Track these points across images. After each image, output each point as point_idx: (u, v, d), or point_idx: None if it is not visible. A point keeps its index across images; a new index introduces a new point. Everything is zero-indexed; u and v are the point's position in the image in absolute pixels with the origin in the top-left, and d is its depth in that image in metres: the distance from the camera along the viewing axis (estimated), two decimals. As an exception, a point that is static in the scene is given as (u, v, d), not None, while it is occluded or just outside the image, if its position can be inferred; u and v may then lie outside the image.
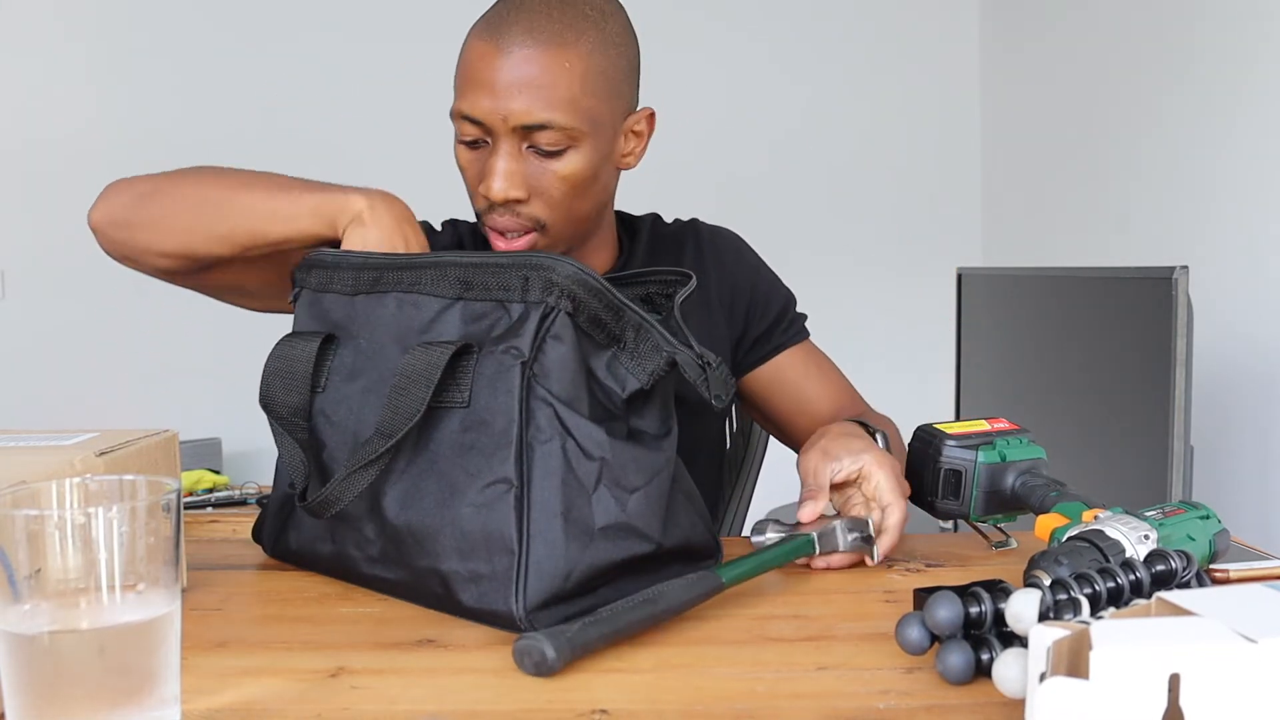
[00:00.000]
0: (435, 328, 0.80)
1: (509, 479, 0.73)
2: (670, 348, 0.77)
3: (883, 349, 3.01)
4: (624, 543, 0.75)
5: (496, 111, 0.96)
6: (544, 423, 0.74)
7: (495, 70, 0.95)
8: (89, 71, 2.95)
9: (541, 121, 0.96)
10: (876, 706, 0.61)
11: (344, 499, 0.77)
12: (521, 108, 0.95)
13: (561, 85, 0.96)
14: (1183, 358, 1.30)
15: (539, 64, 0.95)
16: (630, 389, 0.77)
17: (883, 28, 3.08)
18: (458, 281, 0.80)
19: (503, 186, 0.97)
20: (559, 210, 1.01)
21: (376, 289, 0.85)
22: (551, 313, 0.75)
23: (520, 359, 0.75)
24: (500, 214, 1.00)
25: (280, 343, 0.88)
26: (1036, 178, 2.78)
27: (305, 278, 0.91)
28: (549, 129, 0.96)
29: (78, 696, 0.53)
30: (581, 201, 1.02)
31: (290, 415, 0.85)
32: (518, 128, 0.96)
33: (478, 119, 0.97)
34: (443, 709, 0.61)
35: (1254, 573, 0.83)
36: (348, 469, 0.76)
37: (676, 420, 0.83)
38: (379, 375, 0.82)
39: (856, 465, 0.91)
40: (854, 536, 0.87)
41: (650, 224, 1.22)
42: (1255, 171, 1.86)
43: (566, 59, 0.96)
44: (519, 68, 0.95)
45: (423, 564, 0.77)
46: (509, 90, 0.95)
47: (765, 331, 1.20)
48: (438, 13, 3.03)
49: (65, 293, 2.96)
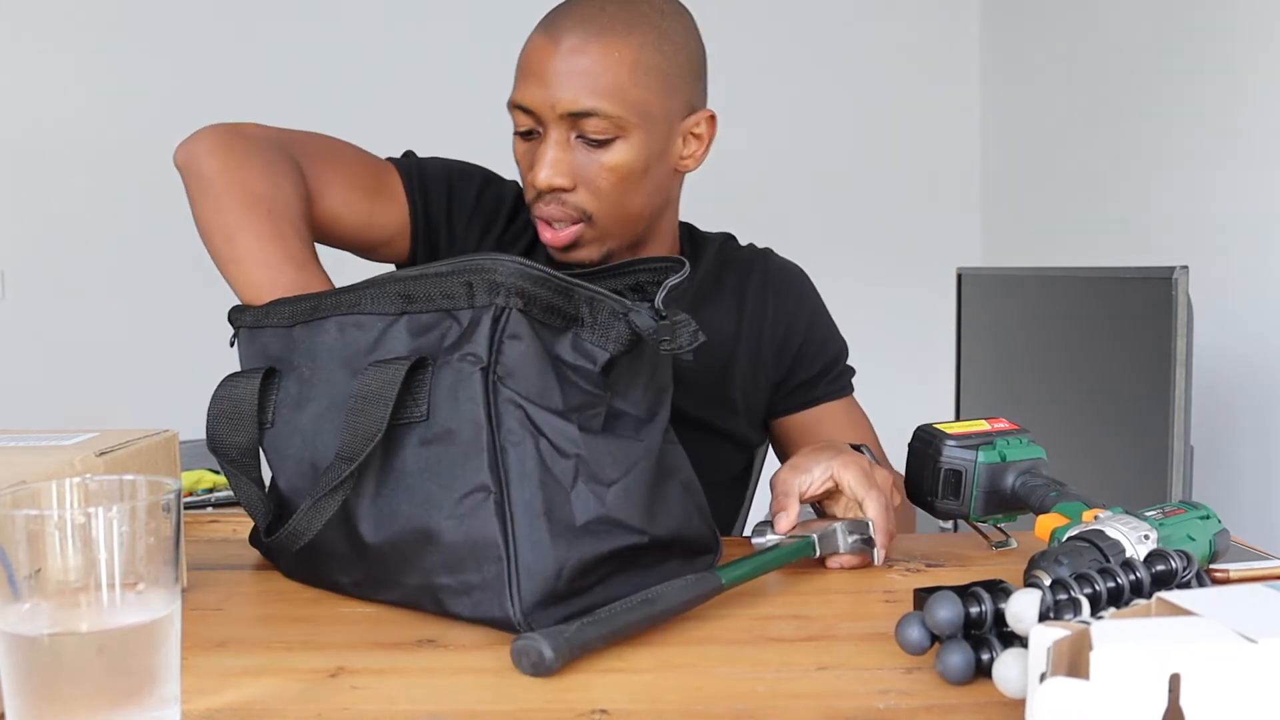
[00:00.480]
0: (382, 346, 0.79)
1: (486, 486, 0.72)
2: (624, 308, 0.75)
3: (883, 349, 3.00)
4: (608, 536, 0.74)
5: (546, 99, 0.99)
6: (514, 425, 0.73)
7: (547, 60, 0.99)
8: (89, 71, 2.95)
9: (588, 109, 0.98)
10: (876, 706, 0.61)
11: (312, 529, 0.76)
12: (569, 95, 0.98)
13: (610, 74, 0.98)
14: (1183, 358, 1.30)
15: (588, 54, 0.98)
16: (601, 360, 0.75)
17: (883, 27, 3.08)
18: (398, 296, 0.79)
19: (548, 174, 0.99)
20: (606, 202, 1.02)
21: (315, 316, 0.83)
22: (503, 313, 0.74)
23: (479, 365, 0.73)
24: (547, 202, 1.02)
25: (221, 384, 0.86)
26: (1036, 178, 2.78)
27: (240, 317, 0.90)
28: (595, 116, 0.98)
29: (78, 696, 0.53)
30: (631, 196, 1.03)
31: (240, 456, 0.84)
32: (565, 115, 0.98)
33: (529, 108, 1.00)
34: (443, 709, 0.61)
35: (1254, 573, 0.83)
36: (313, 498, 0.75)
37: (668, 411, 0.82)
38: (330, 401, 0.80)
39: (826, 473, 0.91)
40: (854, 539, 0.87)
41: (721, 243, 1.22)
42: (1256, 171, 1.86)
43: (616, 49, 0.99)
44: (569, 58, 0.98)
45: (412, 581, 0.76)
46: (558, 78, 0.98)
47: (810, 379, 1.20)
48: (438, 10, 3.04)
49: (65, 293, 2.96)
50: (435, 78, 2.95)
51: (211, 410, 0.85)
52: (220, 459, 0.84)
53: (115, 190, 2.96)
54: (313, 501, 0.75)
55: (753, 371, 1.18)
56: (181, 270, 3.04)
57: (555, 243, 1.04)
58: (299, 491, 0.82)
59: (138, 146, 2.96)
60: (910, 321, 3.04)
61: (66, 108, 2.95)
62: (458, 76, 2.93)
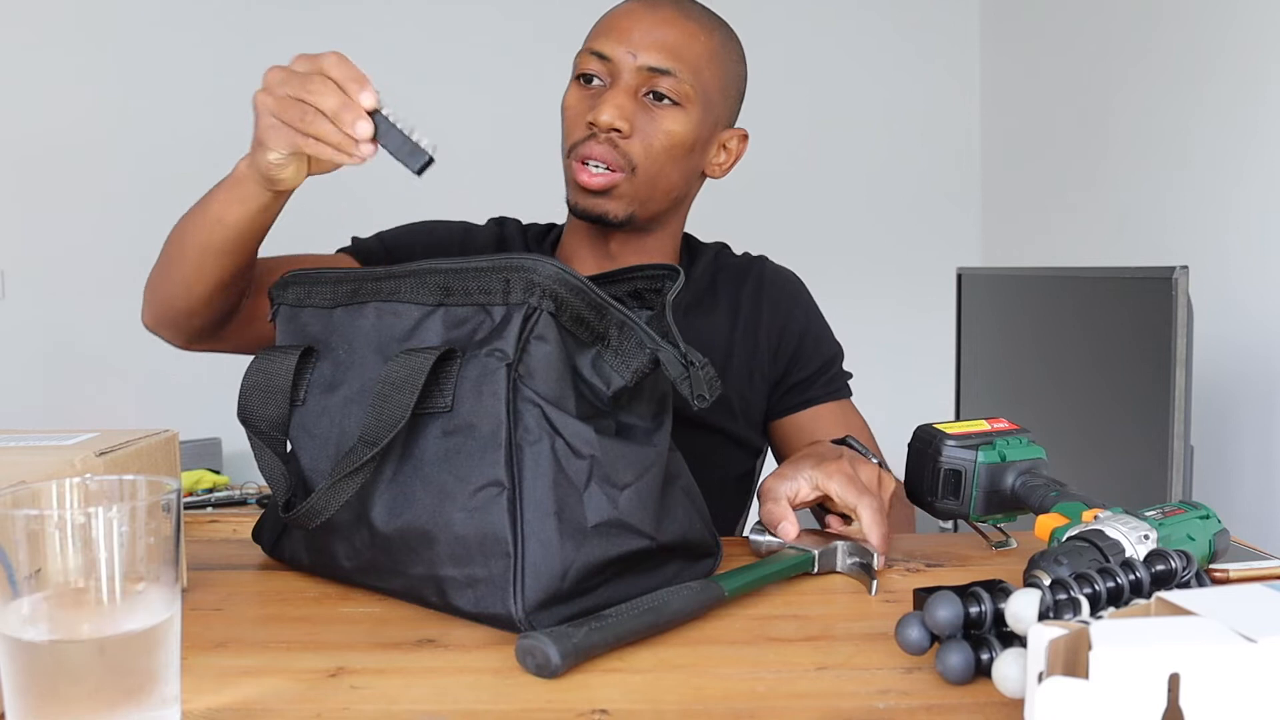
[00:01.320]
0: (417, 335, 0.80)
1: (500, 481, 0.73)
2: (653, 344, 0.76)
3: (883, 349, 3.01)
4: (618, 539, 0.74)
5: (630, 50, 1.06)
6: (532, 423, 0.74)
7: (637, 19, 1.08)
8: (89, 71, 2.95)
9: (668, 67, 1.06)
10: (876, 706, 0.61)
11: (329, 509, 0.76)
12: (654, 51, 1.06)
13: (692, 49, 1.08)
14: (1183, 358, 1.30)
15: (678, 26, 1.07)
16: (615, 386, 0.77)
17: (883, 27, 3.08)
18: (438, 288, 0.80)
19: (612, 114, 1.05)
20: (653, 163, 1.07)
21: (355, 300, 0.84)
22: (534, 313, 0.75)
23: (505, 361, 0.74)
24: (600, 141, 1.06)
25: (258, 357, 0.87)
26: (1036, 178, 2.78)
27: (282, 294, 0.90)
28: (672, 76, 1.06)
29: (78, 697, 0.53)
30: (672, 167, 1.10)
31: (269, 429, 0.85)
32: (644, 68, 1.06)
33: (607, 55, 1.07)
34: (443, 709, 0.61)
35: (1254, 573, 0.83)
36: (332, 478, 0.75)
37: (671, 415, 0.83)
38: (360, 386, 0.81)
39: (811, 483, 0.91)
40: (853, 561, 0.87)
41: (716, 252, 1.26)
42: (1256, 171, 1.86)
43: (702, 34, 1.09)
44: (659, 25, 1.07)
45: (416, 571, 0.77)
46: (646, 36, 1.06)
47: (805, 380, 1.21)
48: (442, 8, 3.04)
49: (65, 293, 2.96)
50: (437, 78, 2.95)
51: (246, 381, 0.86)
52: (249, 430, 0.85)
53: (115, 190, 2.96)
54: (332, 482, 0.75)
55: (749, 375, 1.20)
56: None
57: (591, 184, 1.07)
58: (320, 473, 0.82)
59: (138, 147, 2.96)
60: (910, 321, 3.04)
61: (67, 108, 2.95)
62: (463, 81, 2.93)
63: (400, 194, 3.26)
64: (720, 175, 1.17)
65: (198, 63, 2.96)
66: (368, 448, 0.74)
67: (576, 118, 1.08)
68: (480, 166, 2.80)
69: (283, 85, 0.84)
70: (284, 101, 0.83)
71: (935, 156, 3.10)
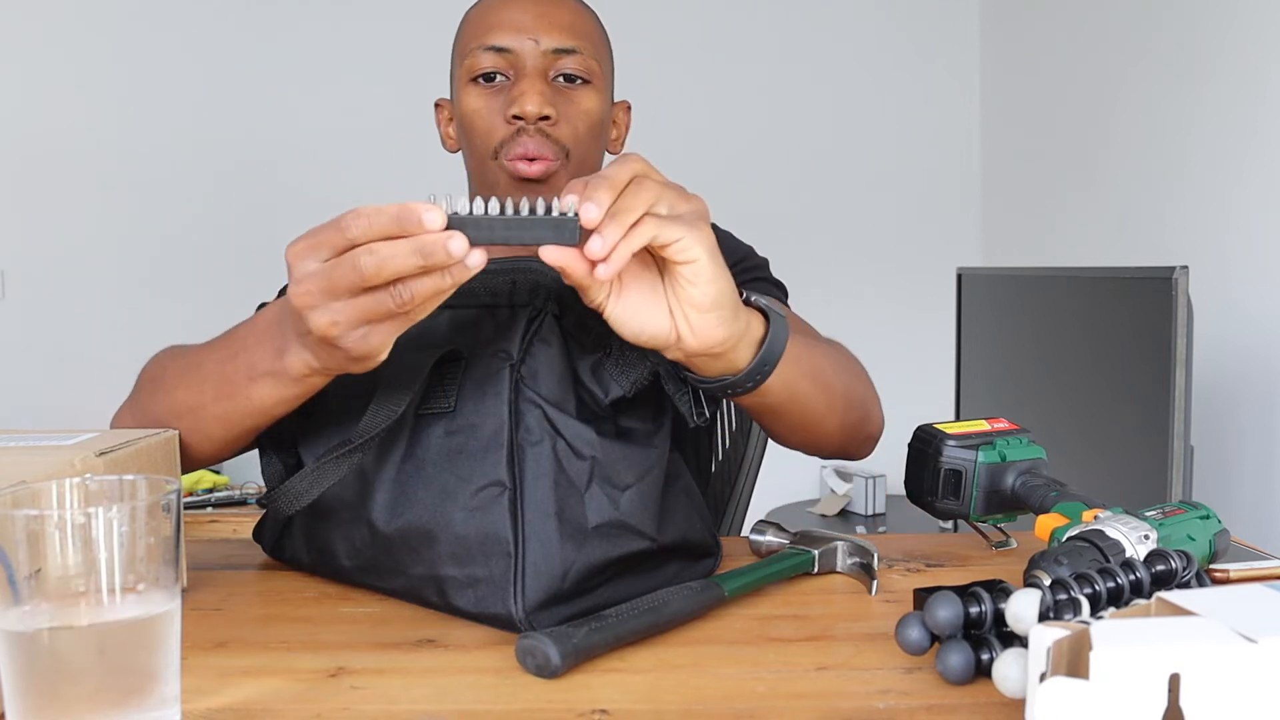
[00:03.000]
0: (423, 337, 0.79)
1: (502, 481, 0.73)
2: (655, 358, 0.76)
3: (883, 349, 3.01)
4: (619, 540, 0.75)
5: (529, 36, 1.00)
6: (533, 424, 0.74)
7: (525, 7, 1.01)
8: (89, 71, 2.95)
9: (573, 45, 1.01)
10: (876, 706, 0.61)
11: (310, 494, 0.77)
12: (555, 32, 1.01)
13: (586, 26, 1.04)
14: (1183, 358, 1.30)
15: (567, 7, 1.03)
16: (613, 395, 0.77)
17: (883, 27, 3.08)
18: None
19: (538, 103, 0.98)
20: (581, 145, 1.03)
21: None
22: (539, 315, 0.75)
23: (509, 361, 0.75)
24: (531, 135, 0.99)
25: None
26: (1036, 178, 2.78)
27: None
28: (578, 54, 1.01)
29: (78, 696, 0.53)
30: (594, 149, 1.05)
31: (275, 430, 0.85)
32: (549, 51, 1.00)
33: (507, 46, 1.00)
34: (443, 709, 0.61)
35: (1254, 573, 0.83)
36: (317, 462, 0.76)
37: (670, 417, 0.83)
38: (364, 386, 0.81)
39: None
40: (853, 561, 0.87)
41: None
42: (1256, 171, 1.86)
43: (583, 9, 1.05)
44: (549, 8, 1.02)
45: (417, 570, 0.77)
46: (543, 19, 1.01)
47: None
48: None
49: (65, 293, 2.96)
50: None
51: None
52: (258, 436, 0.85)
53: (115, 191, 2.96)
54: (316, 465, 0.76)
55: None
56: (182, 270, 3.05)
57: (531, 173, 1.00)
58: None
59: (138, 147, 2.96)
60: (910, 321, 3.04)
61: (67, 108, 2.95)
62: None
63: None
64: (618, 151, 1.10)
65: (198, 63, 2.96)
66: (358, 438, 0.75)
67: (491, 118, 1.01)
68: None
69: (328, 280, 0.66)
70: (355, 306, 0.66)
71: (935, 156, 3.10)
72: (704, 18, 2.98)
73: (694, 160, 2.84)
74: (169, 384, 0.86)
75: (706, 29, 2.99)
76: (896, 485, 2.71)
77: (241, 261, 2.83)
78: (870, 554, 0.86)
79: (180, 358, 0.88)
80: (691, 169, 2.82)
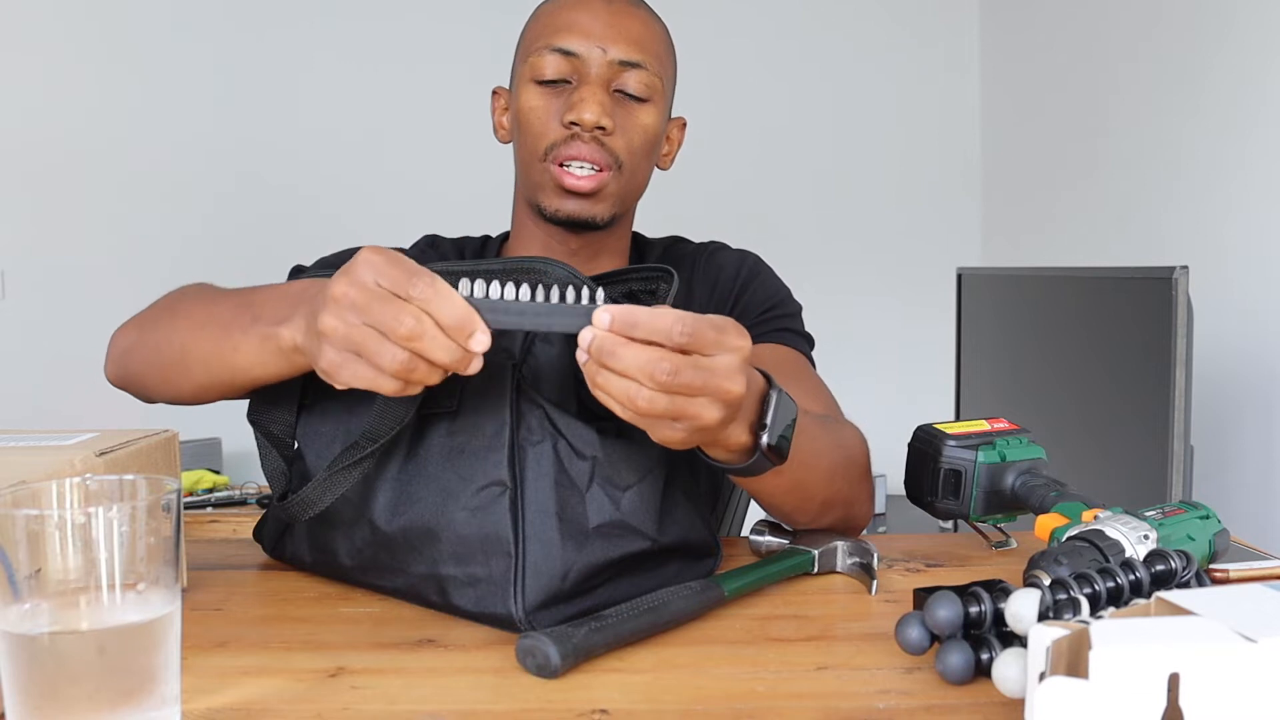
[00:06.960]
0: None
1: (503, 481, 0.73)
2: None
3: (883, 349, 3.01)
4: (619, 540, 0.75)
5: (598, 44, 1.00)
6: (535, 424, 0.74)
7: (598, 14, 1.02)
8: (89, 71, 2.95)
9: (639, 60, 1.01)
10: (876, 706, 0.61)
11: (324, 501, 0.77)
12: (622, 44, 1.01)
13: (654, 41, 1.04)
14: (1183, 358, 1.30)
15: (637, 18, 1.03)
16: None
17: (882, 26, 3.08)
18: None
19: (596, 112, 0.99)
20: (634, 158, 1.03)
21: None
22: None
23: (511, 360, 0.75)
24: (585, 141, 1.00)
25: None
26: (1036, 178, 2.78)
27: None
28: (642, 69, 1.01)
29: (78, 696, 0.53)
30: (646, 164, 1.06)
31: (278, 430, 0.85)
32: (615, 62, 1.00)
33: (574, 51, 1.00)
34: (443, 709, 0.61)
35: (1254, 573, 0.83)
36: (329, 471, 0.76)
37: None
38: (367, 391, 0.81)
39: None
40: (853, 561, 0.87)
41: (666, 246, 1.20)
42: (1255, 171, 1.86)
43: (655, 26, 1.05)
44: (620, 17, 1.02)
45: (418, 569, 0.77)
46: (612, 30, 1.01)
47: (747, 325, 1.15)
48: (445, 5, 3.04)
49: (65, 293, 2.96)
50: (441, 81, 2.95)
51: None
52: (257, 430, 0.86)
53: (115, 191, 2.96)
54: (329, 474, 0.76)
55: None
56: (181, 270, 3.04)
57: (580, 188, 1.01)
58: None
59: (139, 147, 2.96)
60: (910, 321, 3.04)
61: (67, 108, 2.95)
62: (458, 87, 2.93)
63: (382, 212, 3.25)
64: (668, 167, 1.12)
65: (200, 64, 2.96)
66: (369, 443, 0.75)
67: (547, 119, 1.01)
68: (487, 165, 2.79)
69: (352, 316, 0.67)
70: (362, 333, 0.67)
71: (935, 156, 3.10)
72: (703, 17, 2.98)
73: (690, 160, 2.84)
74: (181, 310, 0.90)
75: (705, 28, 2.99)
76: (896, 485, 2.71)
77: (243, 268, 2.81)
78: (870, 554, 0.86)
79: (202, 293, 0.93)
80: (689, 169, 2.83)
